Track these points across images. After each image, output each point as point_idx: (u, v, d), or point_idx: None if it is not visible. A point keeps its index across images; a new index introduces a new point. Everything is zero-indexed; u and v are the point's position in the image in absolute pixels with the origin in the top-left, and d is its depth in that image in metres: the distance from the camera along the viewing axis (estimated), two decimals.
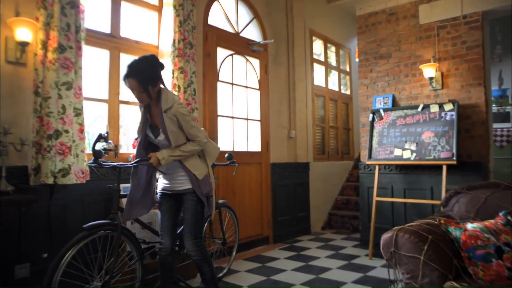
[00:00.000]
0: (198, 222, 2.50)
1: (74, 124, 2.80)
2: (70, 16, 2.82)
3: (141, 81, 2.34)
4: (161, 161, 2.37)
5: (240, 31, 4.73)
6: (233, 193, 4.34)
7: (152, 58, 2.47)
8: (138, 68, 2.35)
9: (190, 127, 2.45)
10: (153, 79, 2.40)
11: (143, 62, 2.39)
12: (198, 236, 2.48)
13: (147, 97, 2.41)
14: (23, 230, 2.62)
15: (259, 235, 4.71)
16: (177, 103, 2.43)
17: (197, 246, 2.44)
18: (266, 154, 4.87)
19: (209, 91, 4.16)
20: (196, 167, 2.49)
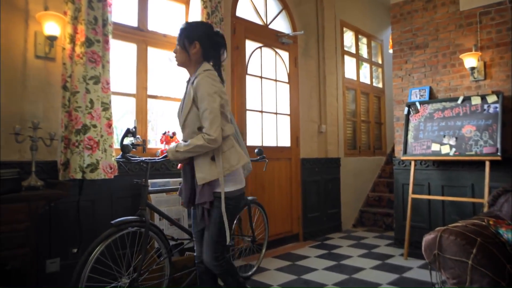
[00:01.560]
0: (218, 233, 2.05)
1: (102, 118, 2.77)
2: (98, 9, 2.78)
3: (181, 35, 2.12)
4: (169, 155, 2.05)
5: (269, 23, 4.61)
6: (262, 189, 4.24)
7: (208, 23, 2.29)
8: (186, 27, 2.15)
9: (203, 109, 1.96)
10: (190, 40, 2.08)
11: (190, 24, 2.20)
12: (220, 249, 2.05)
13: (180, 54, 2.11)
14: (54, 225, 2.62)
15: (289, 232, 4.60)
16: (206, 73, 2.03)
17: (217, 260, 2.04)
18: (296, 149, 4.74)
19: (238, 84, 4.06)
20: (202, 169, 2.01)
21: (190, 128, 2.04)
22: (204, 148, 1.97)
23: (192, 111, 2.02)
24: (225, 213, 1.98)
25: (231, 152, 2.07)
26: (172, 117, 3.67)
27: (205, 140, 1.94)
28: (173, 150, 2.02)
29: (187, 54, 2.10)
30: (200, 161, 2.02)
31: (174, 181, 3.13)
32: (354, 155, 5.81)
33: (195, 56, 2.10)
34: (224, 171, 2.01)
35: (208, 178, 1.99)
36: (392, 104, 4.73)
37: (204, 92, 1.96)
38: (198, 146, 1.96)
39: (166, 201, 3.00)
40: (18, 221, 2.13)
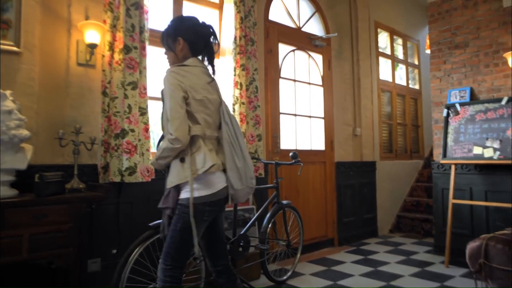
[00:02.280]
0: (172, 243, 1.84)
1: (140, 123, 2.84)
2: (135, 17, 2.87)
3: (163, 40, 2.04)
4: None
5: (302, 26, 4.59)
6: (296, 193, 4.21)
7: (190, 16, 2.11)
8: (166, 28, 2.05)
9: (168, 107, 1.80)
10: (175, 34, 1.98)
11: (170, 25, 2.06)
12: (169, 262, 1.82)
13: (169, 55, 2.02)
14: (94, 227, 2.71)
15: (324, 237, 4.53)
16: (174, 68, 1.89)
17: (164, 274, 1.81)
18: (330, 152, 4.67)
19: (271, 88, 4.06)
20: (172, 171, 1.87)
21: (165, 130, 1.88)
22: (169, 150, 1.80)
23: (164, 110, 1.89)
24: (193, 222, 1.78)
25: (197, 154, 1.85)
26: None
27: (168, 140, 1.78)
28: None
29: (174, 53, 1.99)
30: (172, 163, 1.88)
31: None
32: (390, 158, 5.67)
33: (182, 53, 1.97)
34: (192, 174, 1.81)
35: (175, 181, 1.83)
36: (430, 106, 4.58)
37: (165, 89, 1.83)
38: (164, 149, 1.81)
39: None
40: (62, 222, 2.21)
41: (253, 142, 3.55)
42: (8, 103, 2.23)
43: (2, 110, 2.18)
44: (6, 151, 2.22)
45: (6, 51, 2.48)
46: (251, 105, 3.57)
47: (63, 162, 2.65)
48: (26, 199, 2.17)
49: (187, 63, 1.94)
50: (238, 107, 3.46)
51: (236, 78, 3.47)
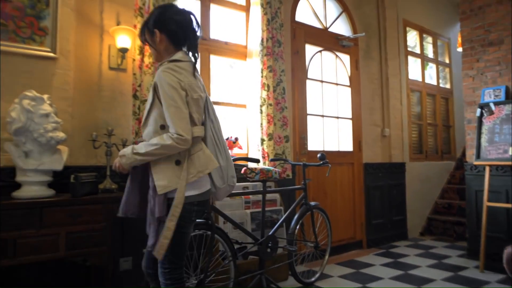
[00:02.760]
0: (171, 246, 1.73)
1: None
2: None
3: (141, 35, 1.92)
4: (121, 160, 1.74)
5: (329, 26, 4.55)
6: (324, 195, 4.18)
7: (168, 4, 1.95)
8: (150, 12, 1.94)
9: (167, 105, 1.70)
10: (149, 26, 1.85)
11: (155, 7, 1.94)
12: (167, 265, 1.77)
13: (151, 51, 1.94)
14: (126, 227, 2.77)
15: (352, 239, 4.48)
16: (169, 64, 1.76)
17: (165, 278, 1.78)
18: (358, 154, 4.61)
19: (298, 89, 4.05)
20: (163, 175, 1.72)
21: (151, 127, 1.77)
22: (172, 149, 1.70)
23: (154, 107, 1.76)
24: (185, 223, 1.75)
25: (199, 156, 1.79)
26: (234, 122, 3.75)
27: (174, 140, 1.67)
28: (129, 153, 1.72)
29: (154, 47, 1.87)
30: (162, 166, 1.73)
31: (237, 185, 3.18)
32: (420, 159, 5.54)
33: (162, 45, 1.84)
34: (190, 177, 1.74)
35: (173, 185, 1.71)
36: (462, 106, 4.45)
37: (166, 87, 1.69)
38: (166, 147, 1.68)
39: (229, 205, 3.06)
40: (96, 221, 2.28)
41: (281, 143, 3.55)
42: (45, 107, 2.33)
43: (40, 113, 2.27)
44: (44, 152, 2.32)
45: (44, 57, 2.59)
46: (278, 106, 3.58)
47: (96, 163, 2.73)
48: (63, 198, 2.26)
49: (177, 57, 1.80)
50: (266, 109, 3.47)
51: (263, 80, 3.49)
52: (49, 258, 2.18)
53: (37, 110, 2.28)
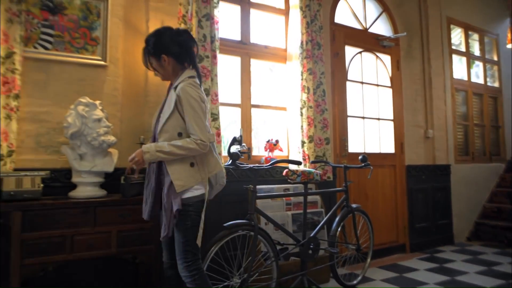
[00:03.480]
0: (188, 241, 1.97)
1: (212, 128, 2.97)
2: (206, 27, 3.02)
3: (150, 52, 2.07)
4: (145, 156, 1.91)
5: (368, 27, 4.50)
6: (365, 197, 4.13)
7: (164, 28, 2.14)
8: (148, 41, 2.09)
9: (192, 115, 1.95)
10: (155, 52, 2.06)
11: (153, 36, 2.09)
12: (190, 258, 1.97)
13: (161, 67, 2.08)
14: None
15: (394, 242, 4.38)
16: (188, 81, 2.00)
17: (189, 270, 1.96)
18: (401, 155, 4.52)
19: (338, 91, 4.04)
20: (180, 175, 1.95)
21: (169, 134, 1.97)
22: (194, 152, 1.95)
23: (173, 116, 1.97)
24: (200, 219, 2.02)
25: (209, 159, 2.08)
26: (274, 125, 3.79)
27: (197, 144, 1.94)
28: (153, 150, 1.91)
29: (162, 70, 2.10)
30: (177, 166, 1.96)
31: (278, 187, 3.22)
32: (467, 161, 5.33)
33: (170, 67, 2.07)
34: (204, 177, 2.02)
35: (188, 185, 1.95)
36: None
37: (191, 100, 1.95)
38: (189, 149, 1.93)
39: (271, 206, 3.10)
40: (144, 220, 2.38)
41: (321, 145, 3.55)
42: (97, 112, 2.47)
43: (93, 118, 2.42)
44: (96, 155, 2.46)
45: (95, 65, 2.75)
46: (318, 108, 3.58)
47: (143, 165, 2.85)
48: (114, 199, 2.39)
49: (192, 74, 2.07)
50: (306, 111, 3.48)
51: (303, 82, 3.50)
52: (102, 254, 2.32)
53: (91, 115, 2.43)
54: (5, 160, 2.35)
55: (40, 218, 2.16)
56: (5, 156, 2.35)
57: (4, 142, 2.36)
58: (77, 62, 2.70)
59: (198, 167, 2.01)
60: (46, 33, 2.63)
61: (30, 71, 2.56)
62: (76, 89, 2.68)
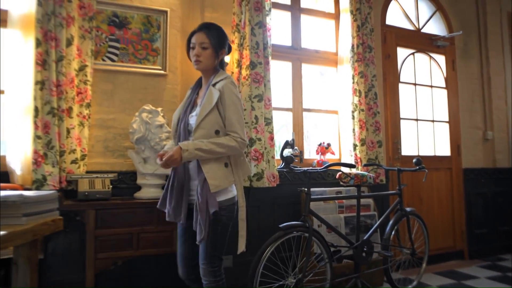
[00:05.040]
0: (217, 246, 1.94)
1: (265, 132, 3.07)
2: (259, 35, 3.12)
3: (213, 37, 2.00)
4: (184, 154, 1.79)
5: (421, 27, 4.41)
6: (420, 201, 4.04)
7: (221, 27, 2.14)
8: (215, 27, 2.07)
9: (234, 112, 1.91)
10: (223, 46, 2.06)
11: (219, 27, 2.10)
12: (217, 263, 1.94)
13: (210, 58, 2.00)
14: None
15: (451, 248, 4.24)
16: (230, 79, 2.00)
17: (215, 275, 1.92)
18: (457, 158, 4.37)
19: (390, 93, 3.99)
20: (214, 174, 1.86)
21: (205, 130, 1.88)
22: (233, 150, 1.90)
23: (213, 113, 1.89)
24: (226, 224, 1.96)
25: (243, 161, 2.04)
26: (325, 128, 3.82)
27: (238, 143, 1.89)
28: (191, 148, 1.80)
29: (216, 59, 2.04)
30: (212, 165, 1.87)
31: (330, 190, 3.25)
32: None
33: (217, 61, 2.05)
34: (240, 179, 1.97)
35: (223, 185, 1.88)
36: None
37: (234, 98, 1.93)
38: (229, 147, 1.87)
39: (324, 209, 3.13)
40: None
41: (373, 148, 3.54)
42: (159, 119, 2.65)
43: (156, 124, 2.60)
44: None
45: (156, 74, 2.94)
46: (370, 111, 3.57)
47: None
48: None
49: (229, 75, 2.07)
50: (358, 114, 3.49)
51: (355, 86, 3.51)
52: (164, 251, 2.48)
53: (154, 121, 2.61)
54: (79, 164, 2.58)
55: (111, 216, 2.36)
56: (79, 160, 2.58)
57: (78, 147, 2.59)
58: (140, 72, 2.91)
59: (232, 168, 1.95)
60: (112, 47, 2.86)
61: (99, 82, 2.79)
62: (139, 97, 2.88)
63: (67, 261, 2.54)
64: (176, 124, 2.05)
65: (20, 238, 1.27)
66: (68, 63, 2.57)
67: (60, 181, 2.46)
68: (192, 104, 2.04)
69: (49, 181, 2.39)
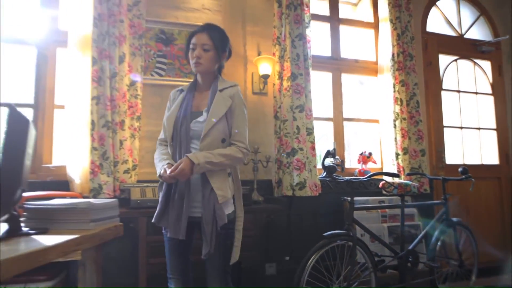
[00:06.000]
0: (227, 261, 1.84)
1: (307, 142, 3.11)
2: (299, 47, 3.19)
3: (216, 39, 1.87)
4: (195, 168, 1.68)
5: (464, 32, 4.32)
6: (466, 211, 3.92)
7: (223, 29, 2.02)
8: (218, 29, 1.94)
9: (242, 122, 1.85)
10: (225, 50, 1.94)
11: (222, 29, 1.98)
12: (229, 280, 1.85)
13: (211, 60, 1.86)
14: (270, 235, 3.05)
15: (504, 261, 4.06)
16: (238, 88, 1.92)
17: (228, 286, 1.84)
18: (506, 167, 4.21)
19: (433, 101, 3.92)
20: (221, 185, 1.77)
21: (212, 138, 1.78)
22: (238, 161, 1.84)
23: (221, 121, 1.79)
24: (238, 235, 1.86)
25: (237, 171, 1.93)
26: (366, 136, 3.81)
27: (243, 154, 1.82)
28: (202, 162, 1.69)
29: (218, 63, 1.92)
30: (219, 177, 1.78)
31: (373, 199, 3.23)
32: None
33: (217, 65, 1.93)
34: (241, 189, 1.90)
35: (228, 196, 1.79)
36: None
37: (243, 108, 1.87)
38: (235, 159, 1.80)
39: (366, 218, 3.12)
40: (249, 228, 2.57)
41: (416, 157, 3.49)
42: None
43: None
44: None
45: None
46: (412, 120, 3.53)
47: (244, 178, 3.08)
48: None
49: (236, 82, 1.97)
50: (399, 123, 3.46)
51: (396, 94, 3.49)
52: None
53: None
54: (130, 173, 2.73)
55: None
56: (131, 170, 2.74)
57: (130, 157, 2.75)
58: None
59: (233, 178, 1.88)
60: (160, 62, 3.02)
61: (148, 96, 2.95)
62: None
63: (120, 265, 2.68)
64: (172, 129, 1.86)
65: (89, 242, 1.39)
66: (121, 79, 2.74)
67: (114, 189, 2.62)
68: (190, 108, 1.86)
69: (105, 189, 2.55)
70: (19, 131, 1.31)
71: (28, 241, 1.21)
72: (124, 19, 2.78)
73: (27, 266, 1.04)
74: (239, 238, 1.89)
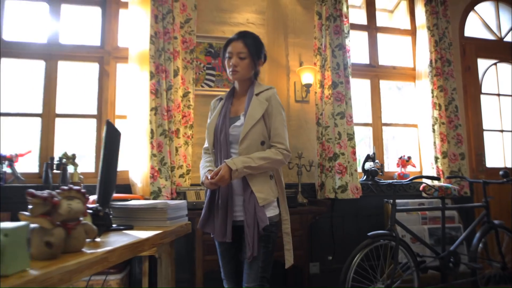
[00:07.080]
0: (267, 266, 1.80)
1: (348, 147, 3.26)
2: (339, 56, 3.35)
3: (251, 46, 1.88)
4: (233, 174, 1.71)
5: (503, 36, 4.33)
6: (508, 214, 3.92)
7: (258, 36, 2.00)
8: (252, 36, 1.94)
9: (280, 123, 1.84)
10: (260, 56, 1.94)
11: (256, 36, 1.96)
12: (266, 285, 1.79)
13: (247, 68, 1.87)
14: (314, 236, 3.22)
15: None
16: (275, 91, 1.92)
17: None
18: None
19: (472, 105, 3.97)
20: (261, 187, 1.78)
21: (251, 141, 1.80)
22: (279, 164, 1.83)
23: (259, 123, 1.81)
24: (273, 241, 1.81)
25: (280, 173, 1.92)
26: (404, 140, 3.91)
27: (284, 155, 1.81)
28: (241, 167, 1.71)
29: (254, 70, 1.93)
30: (259, 179, 1.79)
31: (413, 201, 3.34)
32: None
33: (253, 71, 1.93)
34: (284, 192, 1.89)
35: (269, 198, 1.79)
36: None
37: (281, 109, 1.86)
38: (276, 161, 1.79)
39: (407, 220, 3.22)
40: (296, 229, 2.76)
41: (456, 161, 3.56)
42: None
43: None
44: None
45: None
46: (451, 124, 3.60)
47: (288, 181, 3.27)
48: None
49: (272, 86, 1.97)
50: (438, 127, 3.54)
51: (434, 100, 3.58)
52: None
53: None
54: (185, 177, 2.97)
55: None
56: (185, 174, 2.98)
57: (184, 163, 2.99)
58: None
59: (275, 181, 1.89)
60: (209, 74, 3.25)
61: (199, 106, 3.19)
62: None
63: (178, 261, 2.91)
64: (213, 136, 1.92)
65: (168, 237, 1.61)
66: (176, 91, 2.99)
67: (171, 192, 2.86)
68: (228, 114, 1.91)
69: (163, 192, 2.80)
70: (114, 142, 1.56)
71: (123, 235, 1.43)
72: (177, 35, 3.03)
73: (130, 254, 1.27)
74: (289, 241, 1.93)
